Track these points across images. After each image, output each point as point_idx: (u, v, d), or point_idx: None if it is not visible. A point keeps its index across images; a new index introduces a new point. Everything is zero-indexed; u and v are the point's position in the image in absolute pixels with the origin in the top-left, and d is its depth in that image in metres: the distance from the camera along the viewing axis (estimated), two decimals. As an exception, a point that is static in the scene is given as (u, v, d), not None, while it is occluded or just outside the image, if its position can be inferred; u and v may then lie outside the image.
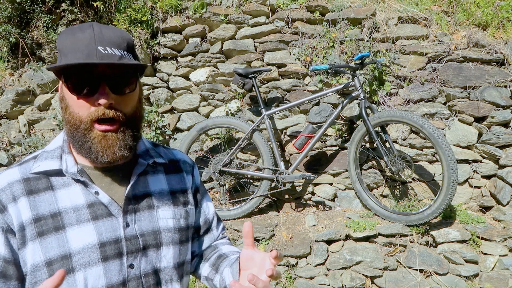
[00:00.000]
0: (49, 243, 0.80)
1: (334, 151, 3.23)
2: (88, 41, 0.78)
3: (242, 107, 3.36)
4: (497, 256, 2.69)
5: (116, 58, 0.79)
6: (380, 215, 2.92)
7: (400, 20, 3.17)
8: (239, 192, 3.38)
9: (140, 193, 0.92)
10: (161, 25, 3.40)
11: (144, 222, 0.90)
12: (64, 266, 0.80)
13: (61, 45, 0.81)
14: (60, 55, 0.81)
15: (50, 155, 0.88)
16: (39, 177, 0.85)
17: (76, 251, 0.81)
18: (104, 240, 0.84)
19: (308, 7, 3.26)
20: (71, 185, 0.86)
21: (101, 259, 0.83)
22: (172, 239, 0.93)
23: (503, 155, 2.88)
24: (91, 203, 0.85)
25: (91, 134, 0.82)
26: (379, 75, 3.10)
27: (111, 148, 0.83)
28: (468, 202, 3.07)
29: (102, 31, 0.80)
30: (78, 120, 0.81)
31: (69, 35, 0.81)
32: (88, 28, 0.80)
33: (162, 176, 0.98)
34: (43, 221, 0.81)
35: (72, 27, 0.82)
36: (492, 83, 2.90)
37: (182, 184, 1.02)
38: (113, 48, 0.79)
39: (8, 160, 3.35)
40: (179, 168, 1.04)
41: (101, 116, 0.80)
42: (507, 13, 3.02)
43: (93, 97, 0.80)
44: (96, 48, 0.77)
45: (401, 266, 2.78)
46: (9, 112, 3.37)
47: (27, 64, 3.41)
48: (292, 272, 2.87)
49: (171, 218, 0.95)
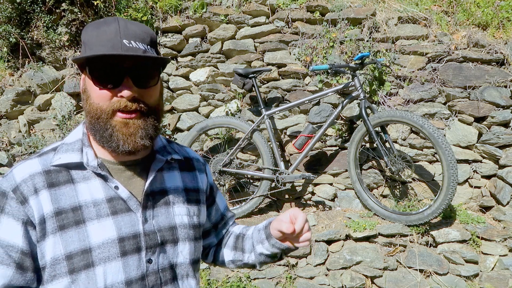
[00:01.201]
0: (70, 237, 0.81)
1: (334, 151, 3.23)
2: (113, 34, 0.79)
3: (242, 107, 3.36)
4: (497, 256, 2.69)
5: (140, 51, 0.80)
6: (380, 215, 2.92)
7: (400, 20, 3.17)
8: (239, 192, 3.38)
9: (157, 189, 0.93)
10: (161, 25, 3.40)
11: (161, 218, 0.91)
12: (84, 260, 0.81)
13: (86, 38, 0.82)
14: (85, 47, 0.82)
15: (70, 147, 0.88)
16: (60, 169, 0.85)
17: (96, 246, 0.82)
18: (123, 235, 0.85)
19: (308, 7, 3.26)
20: (91, 179, 0.86)
21: (120, 254, 0.84)
22: (188, 235, 0.95)
23: (503, 155, 2.88)
24: (111, 197, 0.86)
25: (112, 122, 0.82)
26: (379, 75, 3.10)
27: (132, 137, 0.83)
28: (468, 202, 3.07)
29: (127, 25, 0.81)
30: (100, 110, 0.81)
31: (94, 28, 0.81)
32: (113, 22, 0.81)
33: (177, 173, 1.00)
34: (64, 215, 0.81)
35: (97, 21, 0.83)
36: (492, 83, 2.90)
37: (195, 183, 1.04)
38: (138, 42, 0.80)
39: (8, 160, 3.35)
40: (192, 166, 1.06)
41: (123, 108, 0.81)
42: (507, 13, 3.02)
43: (116, 89, 0.80)
44: (121, 41, 0.78)
45: (401, 266, 2.78)
46: (9, 112, 3.37)
47: (27, 64, 3.41)
48: (292, 272, 2.87)
49: (186, 215, 0.96)
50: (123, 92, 0.80)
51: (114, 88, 0.80)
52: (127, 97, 0.80)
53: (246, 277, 2.90)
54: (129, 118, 0.82)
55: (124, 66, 0.79)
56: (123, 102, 0.81)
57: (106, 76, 0.80)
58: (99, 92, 0.81)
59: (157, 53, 0.86)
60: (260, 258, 1.06)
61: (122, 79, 0.80)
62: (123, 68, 0.80)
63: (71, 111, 3.35)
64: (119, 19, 0.82)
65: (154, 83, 0.85)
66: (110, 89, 0.80)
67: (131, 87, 0.80)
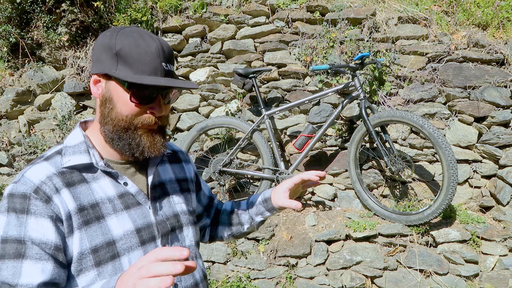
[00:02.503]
0: (94, 232, 0.86)
1: (334, 151, 3.23)
2: (155, 56, 0.84)
3: (242, 107, 3.36)
4: (497, 256, 2.69)
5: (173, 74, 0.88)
6: (380, 215, 2.92)
7: (400, 20, 3.17)
8: (239, 192, 3.37)
9: (157, 182, 1.01)
10: (161, 25, 3.40)
11: (165, 207, 1.00)
12: (110, 252, 0.87)
13: (123, 51, 0.84)
14: (119, 60, 0.85)
15: (76, 149, 0.91)
16: (72, 171, 0.89)
17: (119, 238, 0.89)
18: (139, 226, 0.92)
19: (308, 7, 3.26)
20: (100, 178, 0.91)
21: (140, 243, 0.91)
22: (189, 220, 1.05)
23: (503, 155, 2.88)
24: (121, 193, 0.92)
25: (139, 132, 0.89)
26: (379, 75, 3.10)
27: (156, 145, 0.92)
28: (468, 202, 3.07)
29: (162, 44, 0.87)
30: (127, 123, 0.88)
31: (131, 41, 0.85)
32: (149, 38, 0.86)
33: (168, 166, 1.09)
34: (85, 211, 0.86)
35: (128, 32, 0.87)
36: (492, 83, 2.90)
37: (183, 173, 1.13)
38: (169, 64, 0.88)
39: (8, 160, 3.35)
40: (178, 158, 1.16)
41: (151, 125, 0.89)
42: (507, 13, 3.02)
43: (148, 105, 0.88)
44: (161, 64, 0.85)
45: (401, 266, 2.78)
46: (9, 112, 3.37)
47: (27, 64, 3.41)
48: (292, 272, 2.87)
49: (183, 202, 1.06)
50: (155, 109, 0.88)
51: (147, 104, 0.87)
52: (159, 114, 0.89)
53: (246, 277, 2.90)
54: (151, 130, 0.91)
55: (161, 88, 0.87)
56: (153, 119, 0.89)
57: (145, 94, 0.86)
58: (133, 107, 0.87)
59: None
60: (260, 224, 1.24)
61: (156, 97, 0.88)
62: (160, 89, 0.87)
63: (71, 111, 3.35)
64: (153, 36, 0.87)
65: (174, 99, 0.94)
66: (143, 105, 0.87)
67: (161, 106, 0.89)
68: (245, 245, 3.00)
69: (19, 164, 3.36)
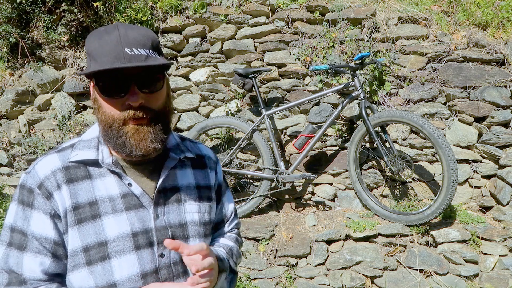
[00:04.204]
0: (87, 231, 0.86)
1: (334, 151, 3.23)
2: (115, 44, 0.81)
3: (242, 107, 3.36)
4: (497, 256, 2.69)
5: (142, 58, 0.81)
6: (380, 215, 2.92)
7: (400, 20, 3.17)
8: (239, 192, 3.38)
9: (170, 186, 0.96)
10: (161, 25, 3.40)
11: (172, 214, 0.95)
12: (100, 253, 0.86)
13: (90, 49, 0.84)
14: (90, 58, 0.85)
15: (87, 144, 0.92)
16: (78, 165, 0.90)
17: (112, 239, 0.87)
18: (136, 230, 0.89)
19: (308, 7, 3.26)
20: (106, 176, 0.91)
21: (134, 248, 0.88)
22: (198, 232, 0.98)
23: (503, 155, 2.88)
24: (125, 194, 0.90)
25: (124, 129, 0.85)
26: (379, 75, 3.10)
27: (143, 141, 0.86)
28: (468, 202, 3.07)
29: (127, 32, 0.83)
30: (111, 119, 0.85)
31: (96, 38, 0.84)
32: (113, 30, 0.83)
33: (189, 170, 1.03)
34: (81, 209, 0.87)
35: (98, 30, 0.85)
36: (492, 83, 2.90)
37: (207, 180, 1.06)
38: (139, 48, 0.82)
39: (8, 160, 3.35)
40: (204, 164, 1.08)
41: (132, 117, 0.84)
42: (507, 13, 3.02)
43: (123, 98, 0.84)
44: (123, 50, 0.80)
45: (401, 266, 2.78)
46: (9, 112, 3.37)
47: (27, 64, 3.41)
48: (292, 272, 2.87)
49: (197, 212, 0.99)
50: (130, 99, 0.83)
51: (121, 96, 0.84)
52: (134, 104, 0.83)
53: (246, 277, 2.90)
54: (139, 124, 0.86)
55: (128, 74, 0.82)
56: (132, 111, 0.84)
57: (112, 86, 0.83)
58: (109, 102, 0.85)
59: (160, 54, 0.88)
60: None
61: (128, 87, 0.83)
62: (127, 76, 0.82)
63: (71, 111, 3.35)
64: (119, 26, 0.83)
65: (160, 86, 0.88)
66: (117, 98, 0.84)
67: (137, 94, 0.83)
68: (245, 245, 3.00)
69: (19, 164, 3.36)
